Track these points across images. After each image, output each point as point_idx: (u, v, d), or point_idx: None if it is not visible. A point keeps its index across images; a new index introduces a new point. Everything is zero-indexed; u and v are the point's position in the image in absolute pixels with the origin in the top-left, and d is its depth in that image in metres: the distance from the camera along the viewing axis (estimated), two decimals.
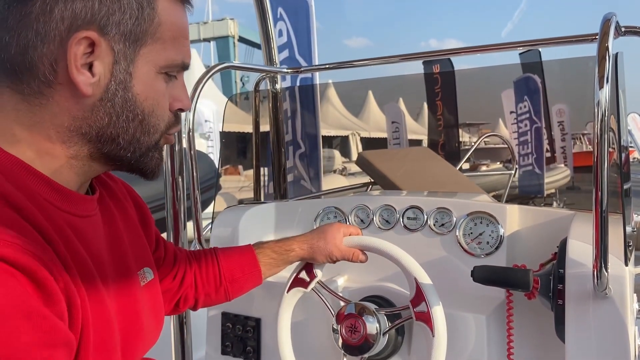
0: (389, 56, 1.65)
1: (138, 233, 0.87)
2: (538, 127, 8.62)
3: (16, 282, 0.52)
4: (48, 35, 0.63)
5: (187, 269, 1.04)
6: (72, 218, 0.68)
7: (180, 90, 0.76)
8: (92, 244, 0.70)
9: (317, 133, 3.34)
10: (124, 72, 0.68)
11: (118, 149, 0.71)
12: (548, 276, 1.04)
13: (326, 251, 1.11)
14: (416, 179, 2.47)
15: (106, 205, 0.80)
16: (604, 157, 0.90)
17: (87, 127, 0.68)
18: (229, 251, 1.12)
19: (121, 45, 0.67)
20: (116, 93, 0.68)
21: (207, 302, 1.08)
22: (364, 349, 1.09)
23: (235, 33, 23.99)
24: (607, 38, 0.94)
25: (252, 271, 1.10)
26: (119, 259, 0.77)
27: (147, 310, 0.80)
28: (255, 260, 1.10)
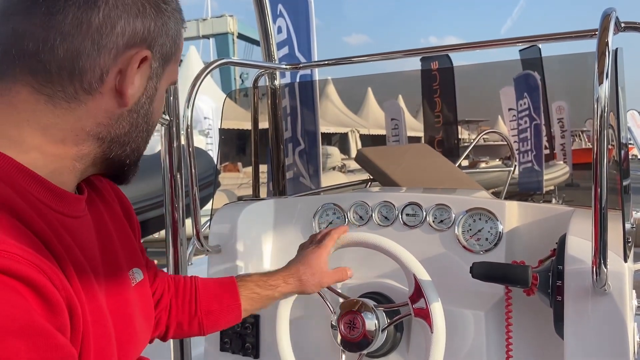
0: (388, 52, 1.64)
1: (127, 233, 0.86)
2: (537, 124, 8.61)
3: (20, 296, 0.50)
4: (106, 46, 0.65)
5: (165, 291, 0.99)
6: (65, 219, 0.67)
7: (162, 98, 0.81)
8: (85, 245, 0.70)
9: (317, 130, 3.34)
10: (153, 88, 0.72)
11: (124, 155, 0.73)
12: (547, 272, 1.04)
13: (315, 281, 1.07)
14: (415, 175, 2.46)
15: (95, 205, 0.79)
16: (603, 153, 0.90)
17: (106, 133, 0.69)
18: (209, 281, 1.06)
19: (157, 64, 0.71)
20: (143, 106, 0.72)
21: (177, 332, 1.01)
22: (363, 346, 1.09)
23: (234, 30, 23.94)
24: (607, 33, 0.94)
25: (230, 304, 1.02)
26: (111, 260, 0.76)
27: (138, 311, 0.80)
28: (236, 293, 1.03)
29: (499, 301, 1.17)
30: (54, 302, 0.54)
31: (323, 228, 1.47)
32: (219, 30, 24.01)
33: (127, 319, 0.75)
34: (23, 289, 0.51)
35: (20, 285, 0.51)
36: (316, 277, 1.07)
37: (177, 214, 1.42)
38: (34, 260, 0.54)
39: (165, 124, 1.37)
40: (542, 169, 8.77)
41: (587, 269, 0.96)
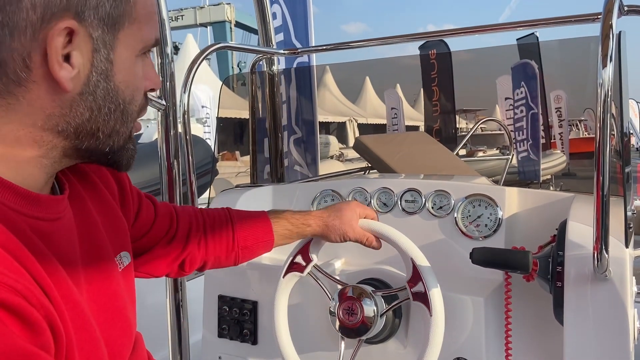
0: (386, 37, 1.63)
1: (115, 215, 0.82)
2: (534, 113, 8.60)
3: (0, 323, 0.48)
4: (17, 26, 0.55)
5: (193, 230, 1.00)
6: (39, 223, 0.62)
7: (150, 67, 0.70)
8: (63, 248, 0.65)
9: (314, 118, 3.32)
10: (105, 61, 0.62)
11: (97, 143, 0.65)
12: (547, 258, 1.03)
13: (341, 231, 1.09)
14: (413, 163, 2.46)
15: (77, 197, 0.74)
16: (606, 138, 0.89)
17: (64, 124, 0.61)
18: (245, 217, 1.08)
19: (100, 32, 0.60)
20: (98, 85, 0.62)
21: (215, 264, 1.05)
22: (361, 332, 1.08)
23: (231, 18, 23.76)
24: (611, 15, 0.92)
25: (265, 240, 1.07)
26: (95, 254, 0.72)
27: (126, 296, 0.78)
28: (270, 229, 1.07)
29: (499, 287, 1.16)
30: (34, 322, 0.51)
31: None
32: (216, 18, 23.81)
33: (117, 310, 0.73)
34: (2, 314, 0.48)
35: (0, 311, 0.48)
36: (343, 227, 1.09)
37: (174, 202, 1.41)
38: (7, 281, 0.50)
39: (162, 109, 1.35)
40: (539, 158, 8.78)
41: (587, 254, 0.95)
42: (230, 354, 1.43)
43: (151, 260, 0.95)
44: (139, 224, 0.92)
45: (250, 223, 1.06)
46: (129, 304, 0.78)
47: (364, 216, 1.12)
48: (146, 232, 0.94)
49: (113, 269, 0.76)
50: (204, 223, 1.03)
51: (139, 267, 0.93)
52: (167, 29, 1.32)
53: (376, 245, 1.12)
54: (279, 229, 1.08)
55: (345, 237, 1.10)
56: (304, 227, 1.09)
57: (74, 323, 0.60)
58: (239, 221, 1.06)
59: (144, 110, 0.72)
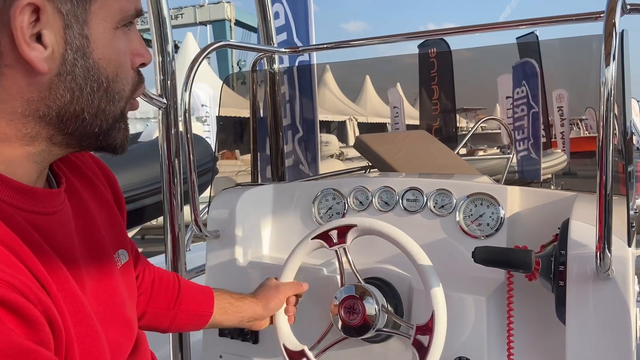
0: (386, 35, 1.62)
1: (112, 212, 0.81)
2: (535, 111, 8.59)
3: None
4: None
5: (146, 275, 0.99)
6: (35, 217, 0.61)
7: (137, 42, 0.66)
8: (61, 242, 0.64)
9: (315, 117, 3.32)
10: (80, 37, 0.58)
11: (84, 125, 0.62)
12: (549, 257, 1.03)
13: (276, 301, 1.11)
14: (414, 162, 2.45)
15: (75, 192, 0.73)
16: (609, 137, 0.88)
17: (45, 109, 0.59)
18: (190, 283, 1.09)
19: (69, 5, 0.56)
20: (75, 63, 0.58)
21: (152, 321, 0.99)
22: (363, 330, 1.08)
23: (231, 16, 23.73)
24: (614, 14, 0.92)
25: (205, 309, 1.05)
26: (94, 249, 0.72)
27: (126, 293, 0.77)
28: (212, 299, 1.06)
29: (500, 286, 1.16)
30: (32, 318, 0.51)
31: (323, 213, 1.46)
32: (216, 16, 23.78)
33: (116, 306, 0.73)
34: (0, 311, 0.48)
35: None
36: (276, 299, 1.12)
37: (175, 200, 1.41)
38: (4, 277, 0.50)
39: (163, 107, 1.35)
40: (540, 157, 8.77)
41: (590, 253, 0.95)
42: (231, 352, 1.43)
43: None
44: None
45: (195, 288, 1.07)
46: (128, 302, 0.77)
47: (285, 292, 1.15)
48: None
49: (112, 265, 0.75)
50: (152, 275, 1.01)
51: None
52: (168, 28, 1.32)
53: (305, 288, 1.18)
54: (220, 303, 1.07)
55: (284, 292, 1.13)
56: (241, 304, 1.09)
57: (73, 317, 0.59)
58: (186, 286, 1.06)
59: (138, 89, 0.68)
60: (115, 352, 0.70)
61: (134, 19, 0.65)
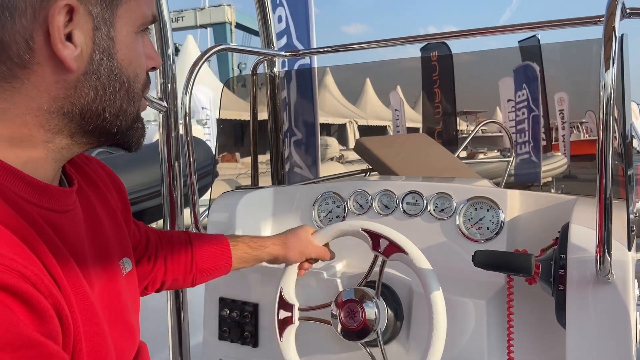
0: (387, 39, 1.62)
1: (118, 221, 0.82)
2: (536, 115, 8.59)
3: (5, 308, 0.48)
4: (17, 8, 0.55)
5: (159, 251, 1.01)
6: (50, 214, 0.62)
7: (150, 46, 0.70)
8: (73, 240, 0.65)
9: (315, 120, 3.32)
10: (106, 38, 0.61)
11: (104, 124, 0.64)
12: (549, 261, 1.03)
13: (299, 248, 1.12)
14: (414, 165, 2.46)
15: (84, 195, 0.74)
16: (609, 141, 0.88)
17: (69, 106, 0.61)
18: (203, 240, 1.09)
19: (99, 9, 0.60)
20: (101, 63, 0.61)
21: (172, 286, 1.06)
22: (363, 334, 1.08)
23: (232, 19, 23.79)
24: (614, 18, 0.92)
25: (224, 263, 1.08)
26: (102, 251, 0.73)
27: (129, 301, 0.78)
28: (229, 252, 1.09)
29: (500, 290, 1.16)
30: (42, 310, 0.51)
31: (323, 217, 1.46)
32: (216, 19, 23.84)
33: (120, 312, 0.73)
34: (7, 299, 0.48)
35: (4, 295, 0.48)
36: (301, 244, 1.13)
37: (175, 203, 1.41)
38: (16, 267, 0.50)
39: (163, 110, 1.35)
40: (540, 161, 8.77)
41: (590, 257, 0.95)
42: (231, 356, 1.43)
43: None
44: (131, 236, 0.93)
45: (209, 246, 1.08)
46: (131, 309, 0.78)
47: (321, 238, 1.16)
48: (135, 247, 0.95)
49: (117, 271, 0.76)
50: (165, 244, 1.03)
51: None
52: (169, 31, 1.32)
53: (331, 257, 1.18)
54: (237, 252, 1.10)
55: (305, 253, 1.13)
56: (260, 249, 1.11)
57: (82, 314, 0.60)
58: (198, 245, 1.07)
59: (147, 89, 0.71)
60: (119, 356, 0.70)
61: (151, 24, 0.69)
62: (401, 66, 5.69)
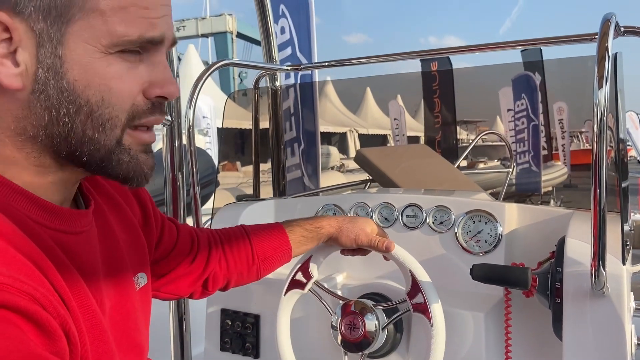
0: (387, 54, 1.65)
1: (136, 235, 0.82)
2: (536, 124, 8.63)
3: (14, 327, 0.48)
4: None
5: (212, 250, 1.01)
6: (61, 235, 0.62)
7: (158, 72, 0.63)
8: (85, 260, 0.66)
9: (316, 130, 3.35)
10: (52, 56, 0.57)
11: (72, 151, 0.61)
12: (546, 274, 1.05)
13: (353, 233, 1.08)
14: (414, 176, 2.47)
15: (101, 213, 0.74)
16: (602, 156, 0.91)
17: (32, 128, 0.59)
18: (260, 230, 1.09)
19: (42, 24, 0.56)
20: (47, 82, 0.58)
21: (239, 281, 1.06)
22: (364, 346, 1.10)
23: (233, 29, 23.92)
24: (607, 38, 0.94)
25: (284, 249, 1.08)
26: (115, 270, 0.73)
27: (141, 316, 0.78)
28: (287, 239, 1.08)
29: (499, 303, 1.17)
30: (50, 330, 0.51)
31: None
32: (218, 29, 23.99)
33: (129, 330, 0.73)
34: (17, 319, 0.49)
35: (14, 316, 0.49)
36: (355, 230, 1.08)
37: (178, 213, 1.43)
38: (25, 289, 0.51)
39: (167, 124, 1.38)
40: (540, 170, 8.79)
41: (585, 271, 0.97)
42: None
43: (174, 281, 0.96)
44: (162, 246, 0.93)
45: (267, 235, 1.07)
46: (142, 326, 0.78)
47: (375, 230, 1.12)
48: (169, 253, 0.95)
49: (130, 288, 0.76)
50: (221, 241, 1.04)
51: (162, 287, 0.95)
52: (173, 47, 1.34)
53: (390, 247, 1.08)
54: (294, 237, 1.08)
55: (358, 241, 1.08)
56: (317, 230, 1.09)
57: (90, 334, 0.61)
58: (255, 235, 1.07)
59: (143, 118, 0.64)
60: None
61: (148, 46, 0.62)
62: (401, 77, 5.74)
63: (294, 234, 1.09)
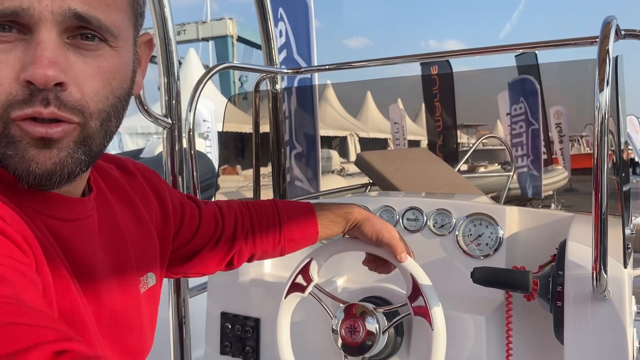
0: (388, 57, 1.65)
1: (148, 234, 0.80)
2: (535, 128, 8.61)
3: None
4: None
5: (239, 227, 0.99)
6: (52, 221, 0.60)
7: (29, 53, 0.54)
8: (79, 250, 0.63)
9: (316, 134, 3.35)
10: None
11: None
12: (547, 278, 1.05)
13: (378, 226, 1.04)
14: (415, 180, 2.48)
15: (106, 205, 0.72)
16: (603, 160, 0.90)
17: None
18: (292, 209, 1.06)
19: None
20: None
21: (263, 256, 1.06)
22: (364, 349, 1.09)
23: (233, 33, 23.98)
24: (608, 41, 0.95)
25: (311, 233, 1.05)
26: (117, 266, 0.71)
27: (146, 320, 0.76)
28: (315, 222, 1.05)
29: (499, 306, 1.17)
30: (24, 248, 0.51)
31: None
32: (218, 33, 24.04)
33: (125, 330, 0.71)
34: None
35: None
36: (381, 224, 1.05)
37: None
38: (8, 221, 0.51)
39: (168, 127, 1.38)
40: (541, 174, 8.78)
41: (587, 274, 0.96)
42: None
43: (201, 262, 0.96)
44: (183, 232, 0.92)
45: (297, 216, 1.05)
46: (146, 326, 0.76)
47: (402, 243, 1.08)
48: (192, 238, 0.94)
49: (133, 287, 0.74)
50: (250, 218, 1.02)
51: (190, 269, 0.96)
52: (174, 50, 1.34)
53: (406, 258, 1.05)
54: (323, 222, 1.06)
55: (379, 236, 1.04)
56: (346, 215, 1.06)
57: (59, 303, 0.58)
58: (286, 214, 1.05)
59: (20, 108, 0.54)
60: None
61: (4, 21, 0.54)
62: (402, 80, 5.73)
63: (323, 219, 1.06)
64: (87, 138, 0.59)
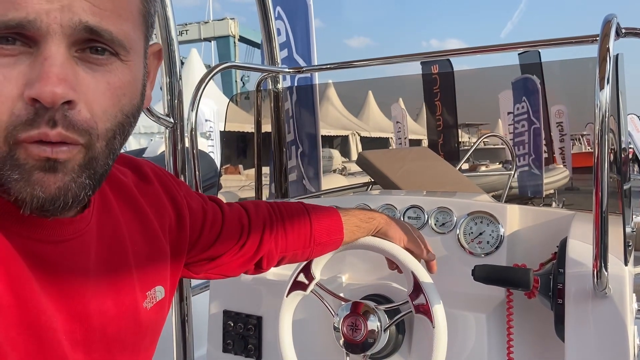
0: (389, 56, 1.66)
1: (158, 245, 0.76)
2: (537, 127, 8.60)
3: None
4: None
5: (267, 230, 0.97)
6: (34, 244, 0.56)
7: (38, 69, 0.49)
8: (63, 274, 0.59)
9: (317, 133, 3.35)
10: None
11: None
12: (548, 275, 1.05)
13: (403, 229, 1.08)
14: (416, 179, 2.48)
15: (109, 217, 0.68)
16: (604, 158, 0.91)
17: None
18: (320, 212, 1.05)
19: None
20: None
21: (293, 260, 1.04)
22: (366, 347, 1.10)
23: (235, 33, 23.99)
24: (608, 40, 0.95)
25: (337, 238, 1.05)
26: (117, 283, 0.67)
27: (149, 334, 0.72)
28: (342, 227, 1.05)
29: (500, 304, 1.18)
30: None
31: None
32: (220, 33, 24.05)
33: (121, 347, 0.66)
34: None
35: None
36: (404, 227, 1.09)
37: None
38: None
39: (170, 127, 1.38)
40: (542, 173, 8.77)
41: (587, 272, 0.97)
42: None
43: (223, 265, 0.94)
44: (204, 238, 0.88)
45: (325, 220, 1.05)
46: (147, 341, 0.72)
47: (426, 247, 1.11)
48: (213, 242, 0.90)
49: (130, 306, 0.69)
50: (282, 219, 1.00)
51: (211, 270, 0.93)
52: (176, 50, 1.35)
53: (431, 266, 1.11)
54: (348, 226, 1.06)
55: (402, 240, 1.08)
56: (370, 220, 1.07)
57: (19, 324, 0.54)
58: (316, 217, 1.03)
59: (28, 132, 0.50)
60: None
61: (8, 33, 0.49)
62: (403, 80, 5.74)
63: (349, 224, 1.06)
64: (92, 160, 0.55)
